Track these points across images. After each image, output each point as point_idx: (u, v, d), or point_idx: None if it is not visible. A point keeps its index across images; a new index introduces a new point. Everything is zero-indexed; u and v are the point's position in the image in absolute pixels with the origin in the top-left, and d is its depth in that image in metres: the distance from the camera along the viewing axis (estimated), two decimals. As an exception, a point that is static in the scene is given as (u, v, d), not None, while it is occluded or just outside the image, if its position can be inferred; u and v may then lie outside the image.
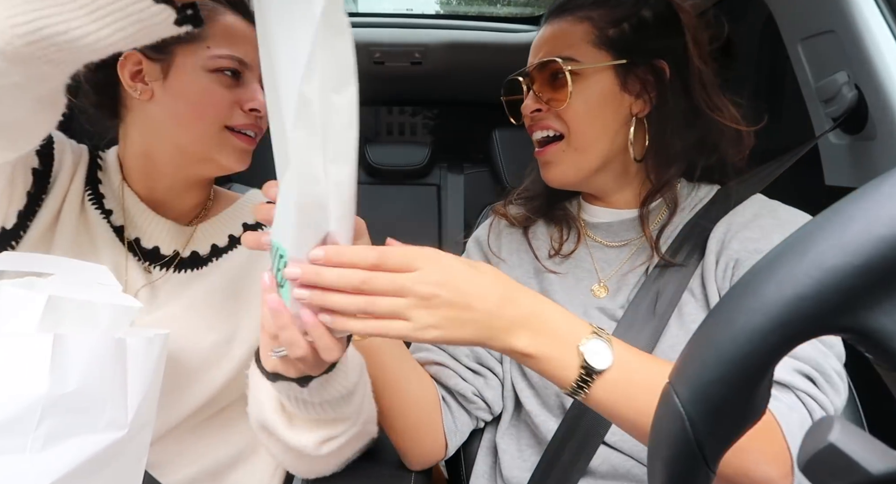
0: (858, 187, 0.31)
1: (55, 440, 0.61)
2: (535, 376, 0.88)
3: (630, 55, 0.86)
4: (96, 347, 0.65)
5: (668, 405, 0.35)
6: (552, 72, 0.87)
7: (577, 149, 0.87)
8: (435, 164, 2.44)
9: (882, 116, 0.95)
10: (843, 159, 1.07)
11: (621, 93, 0.86)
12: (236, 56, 0.83)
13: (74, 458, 0.62)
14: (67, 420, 0.62)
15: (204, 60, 0.82)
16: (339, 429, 0.76)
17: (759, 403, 0.34)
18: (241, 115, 0.85)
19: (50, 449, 0.60)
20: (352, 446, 0.81)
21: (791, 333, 0.31)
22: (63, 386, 0.61)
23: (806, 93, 1.13)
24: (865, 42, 0.95)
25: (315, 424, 0.76)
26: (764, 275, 0.32)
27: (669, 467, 0.36)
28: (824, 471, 0.29)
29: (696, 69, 0.85)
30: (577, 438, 0.82)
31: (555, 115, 0.88)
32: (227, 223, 0.95)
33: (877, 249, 0.29)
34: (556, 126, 0.88)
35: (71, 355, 0.62)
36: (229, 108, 0.84)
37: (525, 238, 0.99)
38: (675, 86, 0.86)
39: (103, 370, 0.65)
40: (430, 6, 3.08)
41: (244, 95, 0.85)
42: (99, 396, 0.65)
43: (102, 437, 0.65)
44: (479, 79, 2.32)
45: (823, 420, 0.30)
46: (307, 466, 0.82)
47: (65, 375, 0.61)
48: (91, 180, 0.89)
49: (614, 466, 0.82)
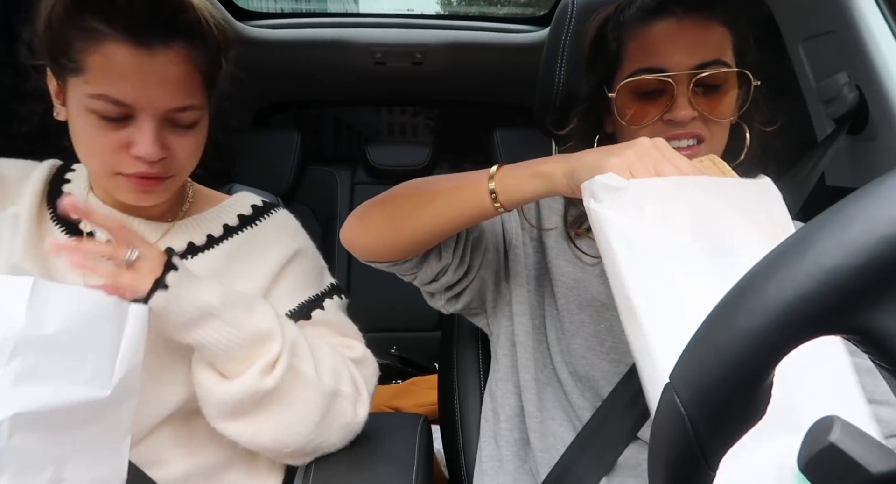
0: (859, 188, 0.31)
1: (27, 379, 0.62)
2: (580, 359, 0.88)
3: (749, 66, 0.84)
4: (87, 300, 0.66)
5: (670, 406, 0.35)
6: (714, 76, 0.80)
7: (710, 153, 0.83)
8: (436, 165, 2.44)
9: (883, 117, 0.95)
10: (844, 160, 1.08)
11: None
12: (114, 97, 0.73)
13: (46, 402, 0.63)
14: (43, 363, 0.63)
15: (83, 98, 0.74)
16: (266, 351, 0.78)
17: (760, 403, 0.34)
18: (129, 163, 0.77)
19: (21, 386, 0.62)
20: (304, 384, 0.81)
21: (792, 333, 0.31)
22: (40, 328, 0.63)
23: (807, 93, 1.13)
24: (866, 43, 0.95)
25: (243, 361, 0.78)
26: (764, 275, 0.32)
27: (670, 468, 0.36)
28: (825, 471, 0.29)
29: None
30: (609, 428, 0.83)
31: (703, 120, 0.81)
32: (207, 222, 0.94)
33: (877, 248, 0.29)
34: (703, 134, 0.81)
35: (51, 301, 0.64)
36: (114, 154, 0.76)
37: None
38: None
39: (90, 324, 0.66)
40: (431, 6, 3.09)
41: (131, 138, 0.76)
42: (80, 348, 0.66)
43: (81, 391, 0.66)
44: (481, 79, 2.34)
45: (824, 420, 0.30)
46: (285, 424, 0.81)
47: (41, 317, 0.63)
48: (52, 192, 0.88)
49: (640, 460, 0.83)
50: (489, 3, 3.47)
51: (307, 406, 0.81)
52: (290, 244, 0.94)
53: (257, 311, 0.81)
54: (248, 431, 0.81)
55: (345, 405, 0.85)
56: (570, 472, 0.84)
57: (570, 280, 0.91)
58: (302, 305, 0.92)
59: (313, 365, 0.83)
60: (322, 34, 2.09)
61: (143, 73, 0.74)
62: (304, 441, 0.82)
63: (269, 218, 0.97)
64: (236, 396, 0.78)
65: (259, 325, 0.79)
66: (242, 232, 0.94)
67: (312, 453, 0.86)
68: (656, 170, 0.63)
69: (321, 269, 0.99)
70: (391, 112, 4.61)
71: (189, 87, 0.78)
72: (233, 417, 0.80)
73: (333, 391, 0.83)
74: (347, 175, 2.40)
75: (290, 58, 2.14)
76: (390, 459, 0.92)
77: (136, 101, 0.74)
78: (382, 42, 2.09)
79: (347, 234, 0.88)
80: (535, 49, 1.53)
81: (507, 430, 0.94)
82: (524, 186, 0.74)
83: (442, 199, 0.80)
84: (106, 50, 0.73)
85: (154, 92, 0.75)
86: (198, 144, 0.84)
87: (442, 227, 0.80)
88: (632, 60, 0.83)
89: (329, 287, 0.97)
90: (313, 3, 4.51)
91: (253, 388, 0.78)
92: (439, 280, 0.89)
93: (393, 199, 0.85)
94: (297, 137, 2.19)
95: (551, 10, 2.13)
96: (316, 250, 1.00)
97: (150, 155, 0.75)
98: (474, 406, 1.04)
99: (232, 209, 0.96)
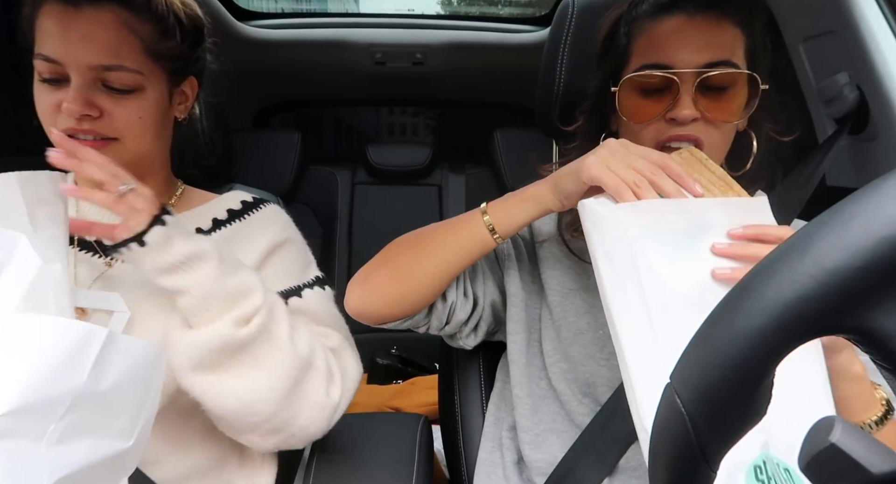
0: (859, 188, 0.31)
1: (71, 436, 0.59)
2: (576, 355, 0.88)
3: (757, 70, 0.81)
4: (139, 353, 0.64)
5: (670, 406, 0.35)
6: (723, 78, 0.78)
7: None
8: (436, 165, 2.44)
9: (883, 117, 0.95)
10: (845, 160, 1.07)
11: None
12: (45, 54, 0.79)
13: (83, 459, 0.61)
14: (88, 419, 0.61)
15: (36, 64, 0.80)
16: (245, 304, 0.78)
17: (760, 403, 0.34)
18: (63, 120, 0.80)
19: (65, 444, 0.59)
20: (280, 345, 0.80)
21: (792, 333, 0.31)
22: (98, 384, 0.60)
23: (807, 93, 1.13)
24: (867, 42, 0.95)
25: (219, 312, 0.77)
26: (764, 275, 0.32)
27: (671, 468, 0.36)
28: (825, 471, 0.29)
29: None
30: (610, 429, 0.82)
31: (704, 122, 0.79)
32: (196, 217, 0.94)
33: (878, 249, 0.29)
34: (702, 137, 0.79)
35: (116, 354, 0.61)
36: (51, 114, 0.80)
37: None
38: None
39: (136, 377, 0.65)
40: (432, 6, 3.09)
41: (65, 97, 0.79)
42: (121, 402, 0.64)
43: (110, 444, 0.64)
44: (481, 79, 2.34)
45: (825, 420, 0.30)
46: (263, 389, 0.79)
47: (103, 373, 0.61)
48: None
49: (642, 462, 0.82)
50: (490, 3, 3.47)
51: (278, 369, 0.79)
52: (277, 234, 0.94)
53: (242, 269, 0.81)
54: (214, 389, 0.78)
55: (317, 381, 0.82)
56: (571, 472, 0.84)
57: (565, 289, 0.90)
58: (281, 292, 0.90)
59: (289, 330, 0.81)
60: (322, 34, 2.10)
61: (68, 29, 0.78)
62: (270, 411, 0.79)
63: (258, 211, 0.97)
64: (207, 342, 0.76)
65: (243, 279, 0.79)
66: (231, 225, 0.94)
67: (278, 432, 0.81)
68: (627, 163, 0.69)
69: (307, 262, 0.98)
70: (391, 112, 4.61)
71: (119, 49, 0.80)
72: (200, 368, 0.77)
73: (306, 361, 0.81)
74: (348, 175, 2.41)
75: (290, 58, 2.14)
76: (390, 459, 0.92)
77: (61, 57, 0.78)
78: (383, 42, 2.09)
79: (354, 303, 0.87)
80: (536, 49, 1.53)
81: (508, 438, 0.95)
82: (517, 213, 0.79)
83: (441, 244, 0.82)
84: (44, 11, 0.79)
85: (78, 48, 0.78)
86: (141, 112, 0.84)
87: (447, 270, 0.82)
88: (639, 55, 0.81)
89: (313, 279, 0.96)
90: (314, 3, 4.50)
91: (226, 335, 0.76)
92: (451, 321, 0.90)
93: (392, 256, 0.86)
94: (298, 137, 2.19)
95: (551, 10, 2.13)
96: (305, 245, 1.00)
97: (71, 110, 0.78)
98: (475, 406, 1.04)
99: (221, 205, 0.97)
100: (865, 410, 0.67)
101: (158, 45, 0.84)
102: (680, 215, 0.66)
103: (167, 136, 0.93)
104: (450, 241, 0.82)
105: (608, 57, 0.87)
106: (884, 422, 0.67)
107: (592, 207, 0.68)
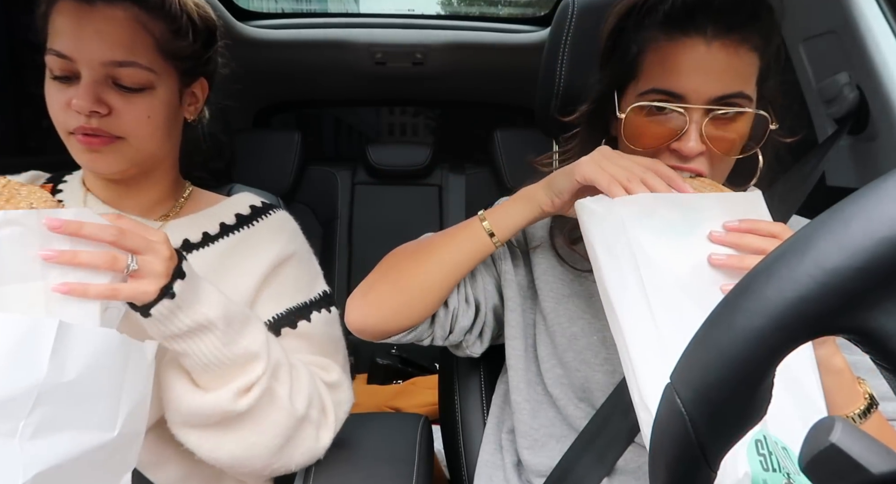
0: (860, 188, 0.31)
1: (46, 431, 0.59)
2: (570, 360, 0.88)
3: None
4: (100, 341, 0.63)
5: (670, 406, 0.35)
6: (730, 111, 0.75)
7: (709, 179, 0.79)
8: (436, 165, 2.44)
9: (883, 117, 0.95)
10: (845, 160, 1.08)
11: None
12: (56, 50, 0.78)
13: (63, 453, 0.60)
14: (60, 412, 0.60)
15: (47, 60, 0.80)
16: (247, 372, 0.76)
17: (760, 403, 0.34)
18: (73, 118, 0.79)
19: (40, 439, 0.59)
20: (278, 410, 0.79)
21: (792, 333, 0.31)
22: (61, 375, 0.60)
23: (807, 93, 1.13)
24: (867, 43, 0.95)
25: (221, 377, 0.76)
26: (764, 276, 0.32)
27: (671, 468, 0.36)
28: (826, 471, 0.29)
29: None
30: (608, 432, 0.83)
31: (709, 155, 0.76)
32: (204, 220, 0.93)
33: (877, 249, 0.29)
34: (705, 171, 0.77)
35: (73, 345, 0.60)
36: (62, 111, 0.80)
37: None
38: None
39: (102, 365, 0.64)
40: (432, 7, 3.09)
41: (75, 94, 0.78)
42: (93, 392, 0.63)
43: (93, 435, 0.63)
44: (481, 79, 2.34)
45: (825, 420, 0.30)
46: (248, 445, 0.79)
47: (64, 363, 0.60)
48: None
49: (641, 465, 0.83)
50: (490, 3, 3.47)
51: (274, 429, 0.79)
52: (285, 246, 0.93)
53: (249, 329, 0.79)
54: (208, 445, 0.78)
55: (309, 431, 0.83)
56: (570, 473, 0.84)
57: (558, 295, 0.90)
58: (290, 310, 0.90)
59: (289, 388, 0.81)
60: (322, 34, 2.09)
61: (81, 25, 0.78)
62: (262, 465, 0.80)
63: (266, 218, 0.96)
64: (205, 410, 0.76)
65: (247, 346, 0.77)
66: (239, 231, 0.94)
67: (269, 476, 0.84)
68: (620, 164, 0.72)
69: (315, 275, 0.97)
70: (391, 112, 4.61)
71: (132, 45, 0.80)
72: (195, 427, 0.78)
73: (302, 417, 0.81)
74: (348, 175, 2.41)
75: (290, 58, 2.14)
76: (390, 459, 0.92)
77: (73, 53, 0.78)
78: (383, 42, 2.09)
79: (355, 317, 0.86)
80: (536, 49, 1.53)
81: (507, 441, 0.95)
82: (512, 213, 0.82)
83: (441, 251, 0.84)
84: (58, 9, 0.79)
85: (91, 44, 0.78)
86: (150, 111, 0.83)
87: (449, 274, 0.84)
88: (649, 76, 0.77)
89: (320, 295, 0.95)
90: (314, 3, 4.51)
91: (225, 407, 0.76)
92: (455, 328, 0.90)
93: (392, 267, 0.87)
94: (298, 137, 2.19)
95: (552, 10, 2.13)
96: (312, 255, 0.99)
97: (81, 106, 0.77)
98: (475, 406, 1.04)
99: (230, 208, 0.96)
100: (848, 403, 0.68)
101: (171, 44, 0.83)
102: (675, 207, 0.67)
103: (176, 138, 0.93)
104: (451, 247, 0.84)
105: (614, 59, 0.82)
106: (867, 415, 0.68)
107: (588, 205, 0.70)
